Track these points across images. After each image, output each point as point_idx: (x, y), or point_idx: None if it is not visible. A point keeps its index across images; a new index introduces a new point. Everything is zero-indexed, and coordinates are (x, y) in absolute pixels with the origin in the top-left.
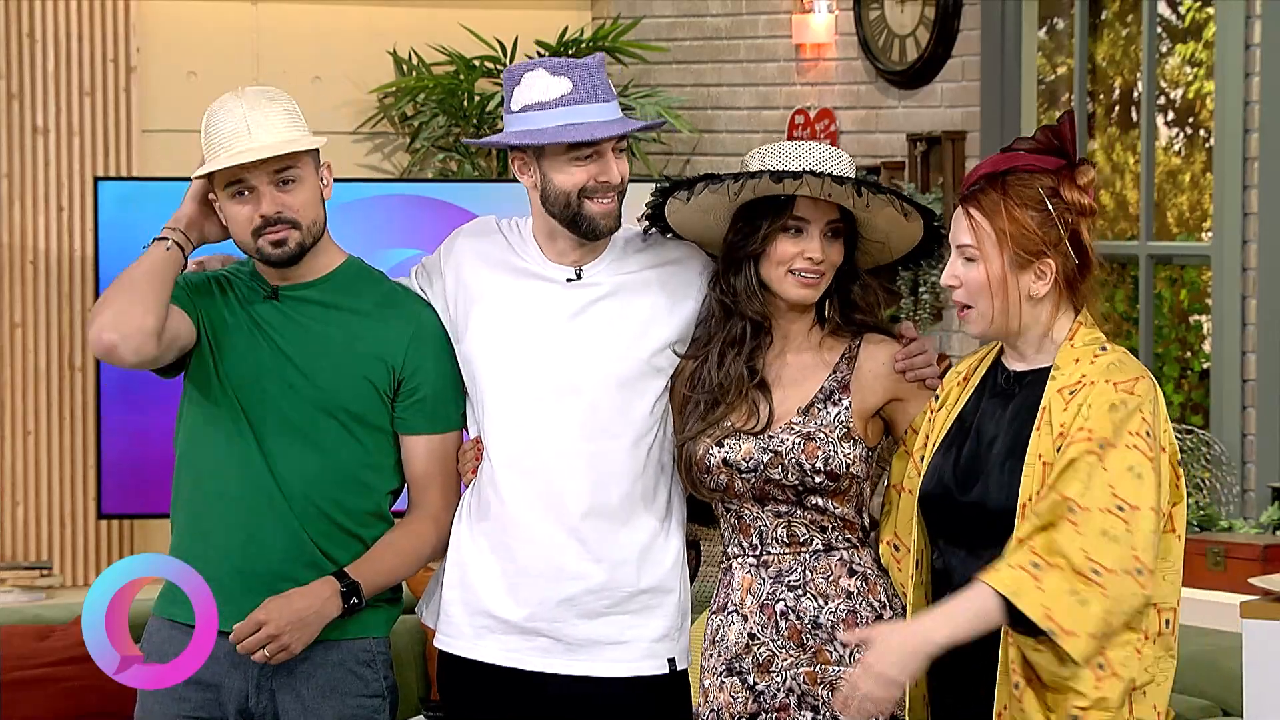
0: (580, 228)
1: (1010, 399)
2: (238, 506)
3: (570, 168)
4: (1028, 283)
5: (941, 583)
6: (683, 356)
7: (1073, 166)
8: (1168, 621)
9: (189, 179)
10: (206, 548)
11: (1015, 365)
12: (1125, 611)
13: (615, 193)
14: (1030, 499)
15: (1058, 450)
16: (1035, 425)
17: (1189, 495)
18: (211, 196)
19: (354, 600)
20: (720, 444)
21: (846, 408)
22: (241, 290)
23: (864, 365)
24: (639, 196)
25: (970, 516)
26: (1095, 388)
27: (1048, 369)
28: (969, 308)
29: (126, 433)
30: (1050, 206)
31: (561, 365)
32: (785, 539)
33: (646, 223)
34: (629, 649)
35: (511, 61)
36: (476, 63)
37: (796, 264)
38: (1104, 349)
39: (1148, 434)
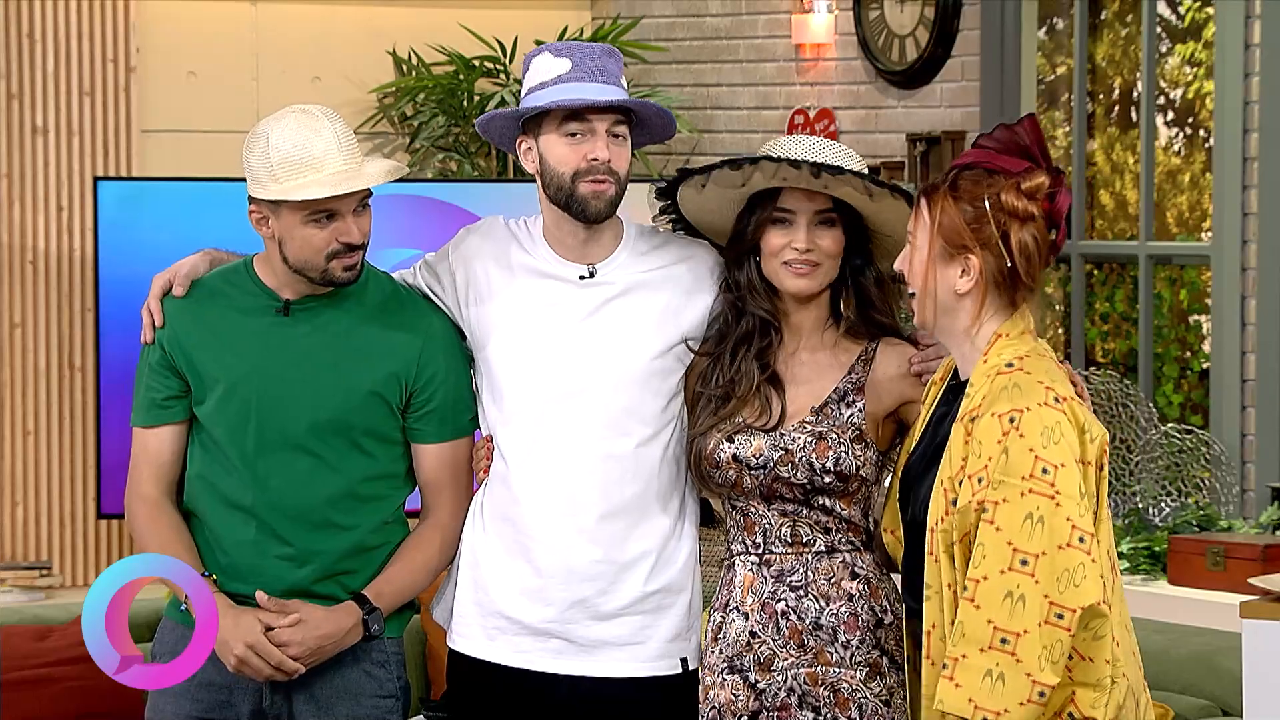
0: (573, 209)
1: (948, 408)
2: (245, 530)
3: (562, 146)
4: (953, 277)
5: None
6: (696, 353)
7: (1036, 169)
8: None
9: (188, 179)
10: (219, 572)
11: (961, 374)
12: (1056, 660)
13: (608, 174)
14: (937, 522)
15: (959, 485)
16: (947, 448)
17: (1189, 495)
18: (254, 211)
19: (374, 629)
20: (731, 439)
21: (860, 410)
22: (246, 303)
23: (879, 368)
24: (639, 197)
25: (915, 519)
26: (982, 422)
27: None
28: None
29: (126, 433)
30: (987, 205)
31: (575, 364)
32: (788, 539)
33: (667, 216)
34: (642, 649)
35: (511, 61)
36: (476, 63)
37: (786, 255)
38: (1010, 365)
39: (1044, 471)
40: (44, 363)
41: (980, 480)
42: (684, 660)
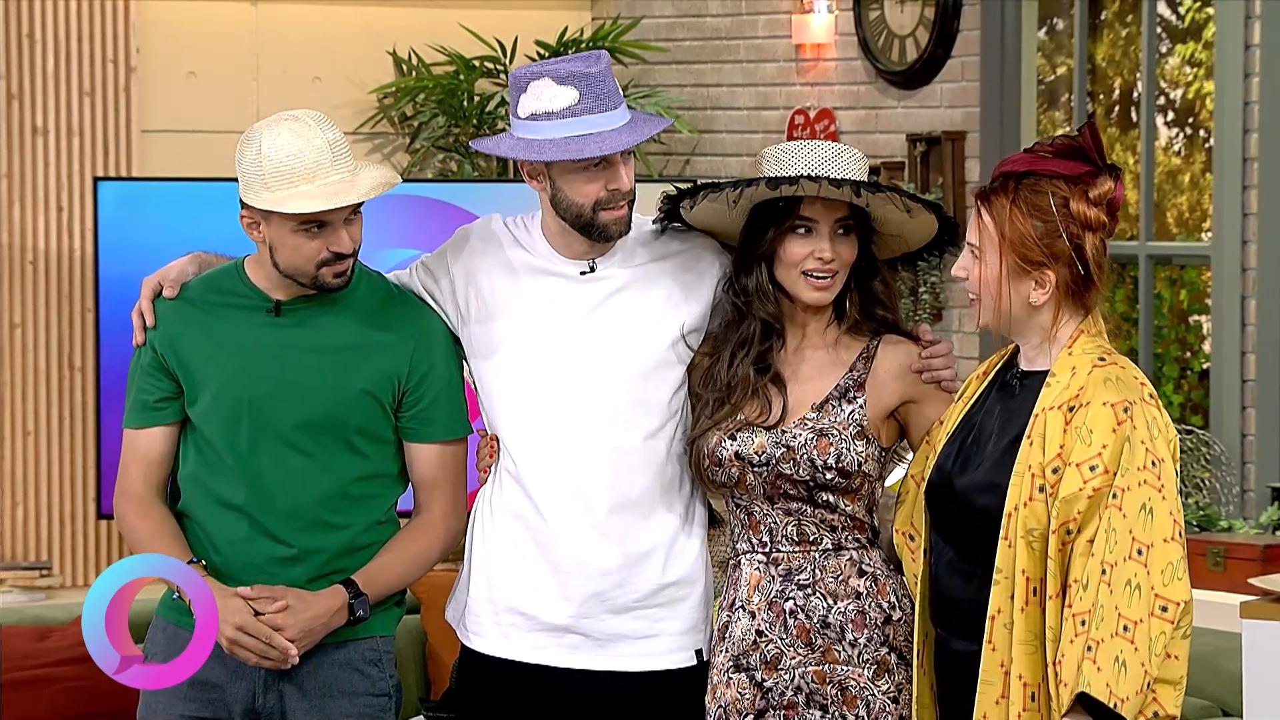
0: (592, 234)
1: (1012, 398)
2: (238, 529)
3: (581, 180)
4: (1027, 290)
5: (933, 589)
6: (696, 351)
7: (1096, 174)
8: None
9: (188, 180)
10: (213, 572)
11: (1024, 365)
12: (1159, 651)
13: (627, 200)
14: (1016, 508)
15: (1054, 471)
16: (1026, 434)
17: (1189, 495)
18: (245, 216)
19: (360, 613)
20: (733, 437)
21: (861, 406)
22: (237, 304)
23: (881, 365)
24: (643, 195)
25: (960, 508)
26: (1092, 410)
27: (1047, 373)
28: (976, 299)
29: None
30: (1056, 217)
31: (580, 360)
32: (795, 537)
33: (663, 221)
34: (656, 643)
35: (511, 61)
36: (476, 63)
37: (808, 265)
38: (1102, 360)
39: (1153, 464)
40: (44, 363)
41: (1094, 468)
42: (698, 652)
